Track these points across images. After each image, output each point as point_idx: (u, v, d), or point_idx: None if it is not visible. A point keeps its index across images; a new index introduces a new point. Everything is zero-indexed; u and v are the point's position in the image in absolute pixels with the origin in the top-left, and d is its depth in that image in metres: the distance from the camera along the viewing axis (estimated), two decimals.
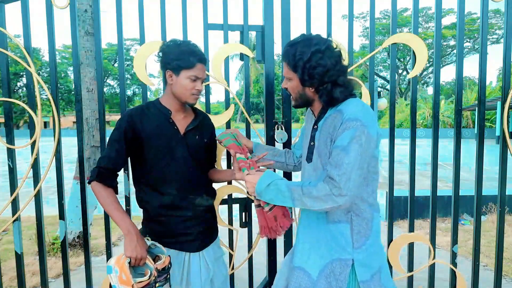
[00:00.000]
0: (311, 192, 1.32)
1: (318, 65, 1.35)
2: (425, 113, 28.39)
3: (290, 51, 1.40)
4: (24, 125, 35.98)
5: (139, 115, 1.59)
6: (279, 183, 1.40)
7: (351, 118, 1.31)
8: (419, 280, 2.56)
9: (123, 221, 1.49)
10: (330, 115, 1.42)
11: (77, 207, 4.09)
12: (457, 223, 2.28)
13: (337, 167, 1.29)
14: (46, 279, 2.20)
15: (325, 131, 1.41)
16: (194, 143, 1.64)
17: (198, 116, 1.71)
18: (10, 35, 2.05)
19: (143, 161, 1.60)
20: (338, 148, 1.31)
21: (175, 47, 1.56)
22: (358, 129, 1.29)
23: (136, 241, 1.45)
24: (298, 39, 1.41)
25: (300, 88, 1.44)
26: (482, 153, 2.25)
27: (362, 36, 38.17)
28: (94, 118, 4.10)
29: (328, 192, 1.29)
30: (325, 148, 1.41)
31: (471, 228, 3.40)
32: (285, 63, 1.44)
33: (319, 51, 1.35)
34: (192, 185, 1.63)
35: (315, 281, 1.43)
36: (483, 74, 2.21)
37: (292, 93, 1.48)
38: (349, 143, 1.29)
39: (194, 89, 1.58)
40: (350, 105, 1.38)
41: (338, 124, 1.34)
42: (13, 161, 2.10)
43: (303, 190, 1.34)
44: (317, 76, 1.36)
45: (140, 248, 1.45)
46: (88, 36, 3.98)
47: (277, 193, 1.39)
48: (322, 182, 1.32)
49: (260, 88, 37.56)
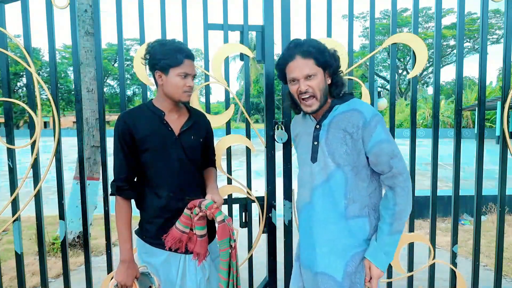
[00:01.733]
0: (401, 208, 1.44)
1: (333, 51, 1.50)
2: (425, 113, 28.38)
3: (309, 47, 1.44)
4: (24, 125, 35.99)
5: (132, 118, 1.58)
6: (383, 242, 1.46)
7: (373, 114, 1.44)
8: (419, 280, 2.56)
9: (123, 246, 1.59)
10: (342, 112, 1.48)
11: (77, 207, 4.09)
12: (457, 223, 2.28)
13: (394, 158, 1.43)
14: (46, 279, 2.20)
15: (338, 128, 1.47)
16: (189, 143, 1.63)
17: (193, 115, 1.69)
18: (10, 35, 2.05)
19: (141, 163, 1.60)
20: (383, 141, 1.42)
21: (160, 46, 1.54)
22: (382, 120, 1.45)
23: (126, 270, 1.57)
24: (300, 40, 1.49)
25: (324, 82, 1.48)
26: (482, 153, 2.25)
27: (362, 36, 38.16)
28: (94, 118, 4.10)
29: (407, 191, 1.44)
30: (341, 144, 1.46)
31: (471, 228, 3.40)
32: (308, 60, 1.44)
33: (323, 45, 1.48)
34: (188, 186, 1.62)
35: (341, 282, 1.47)
36: (483, 74, 2.21)
37: (318, 90, 1.46)
38: (386, 133, 1.44)
39: (186, 86, 1.56)
40: (362, 104, 1.49)
41: (361, 122, 1.42)
42: (13, 161, 2.10)
43: (399, 216, 1.44)
44: (338, 58, 1.50)
45: (127, 277, 1.56)
46: (88, 36, 3.99)
47: (390, 247, 1.47)
48: (395, 193, 1.44)
49: (260, 88, 37.56)
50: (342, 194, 1.48)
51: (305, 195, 1.59)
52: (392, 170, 1.43)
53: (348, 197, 1.48)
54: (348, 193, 1.48)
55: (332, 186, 1.49)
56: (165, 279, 1.60)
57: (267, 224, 2.29)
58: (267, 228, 2.29)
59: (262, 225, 2.29)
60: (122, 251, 1.58)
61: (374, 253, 1.46)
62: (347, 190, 1.48)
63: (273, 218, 2.29)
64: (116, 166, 1.60)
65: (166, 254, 1.59)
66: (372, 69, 2.28)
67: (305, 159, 1.58)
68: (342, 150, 1.46)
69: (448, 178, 9.18)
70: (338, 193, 1.49)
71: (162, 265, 1.60)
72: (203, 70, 2.19)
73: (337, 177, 1.48)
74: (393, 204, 1.45)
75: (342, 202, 1.48)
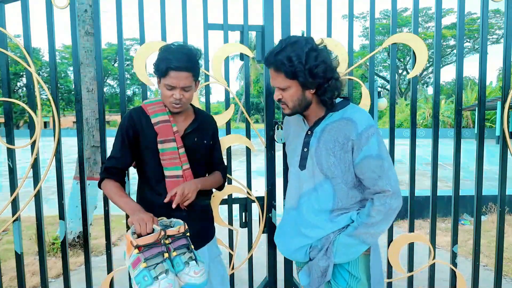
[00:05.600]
0: (372, 221, 1.37)
1: (319, 63, 1.32)
2: (425, 113, 28.38)
3: (281, 60, 1.32)
4: (24, 125, 35.98)
5: (139, 115, 1.60)
6: (342, 240, 1.42)
7: (368, 125, 1.35)
8: (419, 280, 2.55)
9: (127, 204, 1.50)
10: (335, 121, 1.41)
11: (77, 207, 4.09)
12: (457, 223, 2.28)
13: (381, 177, 1.34)
14: (46, 279, 2.20)
15: (330, 138, 1.40)
16: (192, 145, 1.63)
17: (198, 117, 1.70)
18: (10, 35, 2.05)
19: (141, 161, 1.62)
20: (372, 157, 1.34)
21: (162, 52, 1.51)
22: (376, 133, 1.36)
23: (140, 213, 1.41)
24: (282, 46, 1.34)
25: (300, 93, 1.38)
26: (482, 153, 2.25)
27: (362, 36, 38.16)
28: (94, 118, 4.10)
29: (387, 207, 1.35)
30: (329, 155, 1.40)
31: (471, 228, 3.40)
32: (279, 73, 1.35)
33: (313, 49, 1.33)
34: None
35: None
36: (483, 74, 2.21)
37: (290, 102, 1.40)
38: (379, 148, 1.35)
39: (172, 98, 1.51)
40: (356, 112, 1.40)
41: (353, 134, 1.35)
42: (13, 161, 2.10)
43: (366, 226, 1.38)
44: (320, 73, 1.33)
45: (144, 214, 1.41)
46: (88, 36, 3.98)
47: (349, 248, 1.42)
48: (372, 205, 1.37)
49: (260, 88, 37.53)
50: (330, 204, 1.45)
51: (292, 201, 1.56)
52: (374, 188, 1.37)
53: (337, 207, 1.45)
54: (336, 203, 1.44)
55: (320, 196, 1.45)
56: None
57: (267, 224, 2.29)
58: (267, 228, 2.29)
59: (262, 225, 2.29)
60: (128, 208, 1.48)
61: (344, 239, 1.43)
62: (336, 201, 1.44)
63: (273, 218, 2.29)
64: (111, 155, 1.60)
65: None
66: (372, 69, 2.28)
67: (294, 163, 1.54)
68: (330, 161, 1.40)
69: (448, 178, 9.17)
70: (325, 204, 1.45)
71: None
72: (203, 70, 2.19)
73: (325, 187, 1.44)
74: (366, 214, 1.39)
75: (330, 211, 1.45)
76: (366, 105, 2.21)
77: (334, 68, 1.38)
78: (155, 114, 1.59)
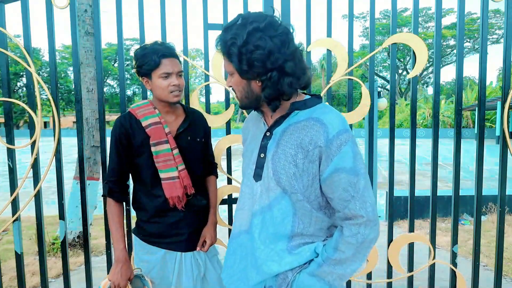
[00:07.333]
0: (340, 256, 1.07)
1: (256, 48, 1.02)
2: (425, 113, 28.39)
3: (223, 38, 1.07)
4: (24, 125, 35.99)
5: (128, 121, 1.59)
6: (304, 280, 1.10)
7: (340, 130, 1.05)
8: (419, 280, 2.55)
9: (116, 246, 1.58)
10: (299, 121, 1.11)
11: (77, 207, 4.10)
12: (457, 223, 2.28)
13: (354, 198, 1.05)
14: (46, 279, 2.20)
15: (292, 142, 1.10)
16: (186, 144, 1.63)
17: (189, 115, 1.68)
18: (10, 35, 2.05)
19: (136, 165, 1.61)
20: (345, 171, 1.04)
21: (140, 52, 1.55)
22: (351, 140, 1.06)
23: (120, 270, 1.55)
24: (234, 21, 1.08)
25: (244, 83, 1.10)
26: (482, 153, 2.25)
27: (362, 36, 38.18)
28: (94, 118, 4.10)
29: (359, 239, 1.06)
30: (288, 163, 1.09)
31: (471, 228, 3.40)
32: (224, 57, 1.11)
33: (257, 30, 1.03)
34: None
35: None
36: (483, 74, 2.21)
37: (237, 91, 1.13)
38: (354, 161, 1.05)
39: (170, 86, 1.54)
40: (328, 113, 1.10)
41: (322, 139, 1.05)
42: (13, 161, 2.10)
43: (332, 263, 1.08)
44: (257, 62, 1.03)
45: (121, 276, 1.54)
46: (88, 36, 3.99)
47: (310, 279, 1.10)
48: (341, 235, 1.08)
49: None
50: (288, 227, 1.13)
51: (243, 221, 1.23)
52: (344, 212, 1.07)
53: (297, 232, 1.13)
54: (296, 227, 1.13)
55: (276, 217, 1.13)
56: (161, 276, 1.62)
57: None
58: None
59: None
60: (115, 251, 1.59)
61: None
62: (296, 223, 1.13)
63: None
64: (109, 168, 1.61)
65: (163, 252, 1.61)
66: (372, 69, 2.28)
67: (248, 173, 1.21)
68: (289, 171, 1.08)
69: (448, 178, 9.19)
70: (282, 227, 1.13)
71: (158, 263, 1.62)
72: (203, 70, 2.19)
73: (282, 205, 1.12)
74: (333, 248, 1.08)
75: (288, 238, 1.13)
76: (366, 105, 2.21)
77: (283, 57, 1.04)
78: (145, 117, 1.58)
